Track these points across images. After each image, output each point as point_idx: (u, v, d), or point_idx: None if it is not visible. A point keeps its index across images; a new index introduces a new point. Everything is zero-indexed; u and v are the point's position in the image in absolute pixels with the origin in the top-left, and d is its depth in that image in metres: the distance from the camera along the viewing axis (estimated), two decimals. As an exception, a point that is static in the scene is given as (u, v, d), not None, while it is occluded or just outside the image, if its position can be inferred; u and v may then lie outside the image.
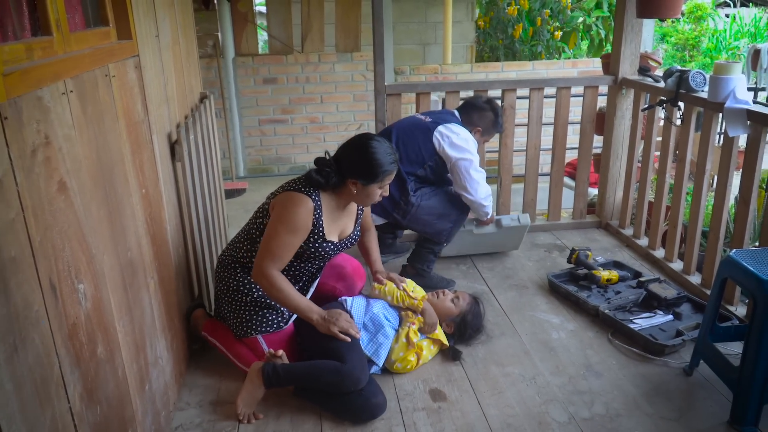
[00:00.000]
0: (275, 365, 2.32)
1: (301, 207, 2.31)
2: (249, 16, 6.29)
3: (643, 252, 3.59)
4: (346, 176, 2.37)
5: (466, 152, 3.03)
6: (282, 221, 2.31)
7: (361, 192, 2.39)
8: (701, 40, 13.78)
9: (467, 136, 3.08)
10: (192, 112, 3.02)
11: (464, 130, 3.09)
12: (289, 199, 2.33)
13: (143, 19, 2.26)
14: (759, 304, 2.05)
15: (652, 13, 3.40)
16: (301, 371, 2.33)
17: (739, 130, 2.78)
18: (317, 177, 2.34)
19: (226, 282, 2.51)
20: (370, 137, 2.40)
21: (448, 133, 3.05)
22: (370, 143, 2.35)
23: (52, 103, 1.44)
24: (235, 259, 2.51)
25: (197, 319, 2.68)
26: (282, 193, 2.38)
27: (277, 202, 2.37)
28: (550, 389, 2.42)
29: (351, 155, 2.38)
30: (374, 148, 2.34)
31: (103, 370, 1.64)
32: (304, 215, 2.31)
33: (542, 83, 3.81)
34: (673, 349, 2.60)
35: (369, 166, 2.34)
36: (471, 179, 3.04)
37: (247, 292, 2.47)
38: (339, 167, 2.37)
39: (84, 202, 1.59)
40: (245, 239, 2.50)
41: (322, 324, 2.36)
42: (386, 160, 2.35)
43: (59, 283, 1.41)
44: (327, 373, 2.28)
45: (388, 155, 2.37)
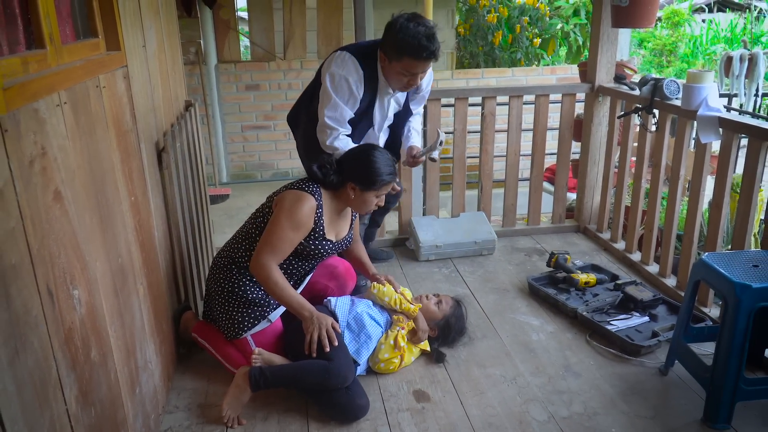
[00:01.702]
0: (262, 368, 2.35)
1: (304, 204, 2.41)
2: (231, 23, 6.32)
3: (620, 255, 3.68)
4: (346, 179, 2.49)
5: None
6: (286, 216, 2.39)
7: (359, 197, 2.50)
8: (678, 46, 14.01)
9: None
10: (178, 120, 3.05)
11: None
12: (294, 197, 2.43)
13: (131, 29, 2.30)
14: (730, 305, 2.13)
15: (627, 22, 3.50)
16: (288, 373, 2.37)
17: (711, 137, 2.88)
18: (316, 171, 2.47)
19: (220, 283, 2.54)
20: (374, 147, 2.54)
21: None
22: (372, 152, 2.50)
23: (47, 115, 1.49)
24: (231, 260, 2.55)
25: (187, 321, 2.72)
26: (285, 191, 2.48)
27: (281, 199, 2.46)
28: (530, 389, 2.49)
29: (352, 160, 2.52)
30: (375, 156, 2.48)
31: (96, 373, 1.68)
32: (307, 212, 2.41)
33: (521, 91, 3.90)
34: (648, 350, 2.68)
35: (368, 172, 2.46)
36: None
37: (241, 294, 2.50)
38: (340, 169, 2.50)
39: (78, 210, 1.63)
40: (244, 239, 2.54)
41: (311, 322, 2.37)
42: (385, 170, 2.48)
43: (56, 289, 1.46)
44: (314, 373, 2.32)
45: (388, 166, 2.49)
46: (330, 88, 2.76)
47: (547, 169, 5.14)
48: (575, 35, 7.48)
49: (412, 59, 2.63)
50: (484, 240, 3.74)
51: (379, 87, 2.84)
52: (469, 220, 3.86)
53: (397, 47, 2.64)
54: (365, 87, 2.79)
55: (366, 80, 2.77)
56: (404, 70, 2.69)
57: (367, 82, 2.78)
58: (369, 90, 2.81)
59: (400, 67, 2.68)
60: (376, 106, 2.90)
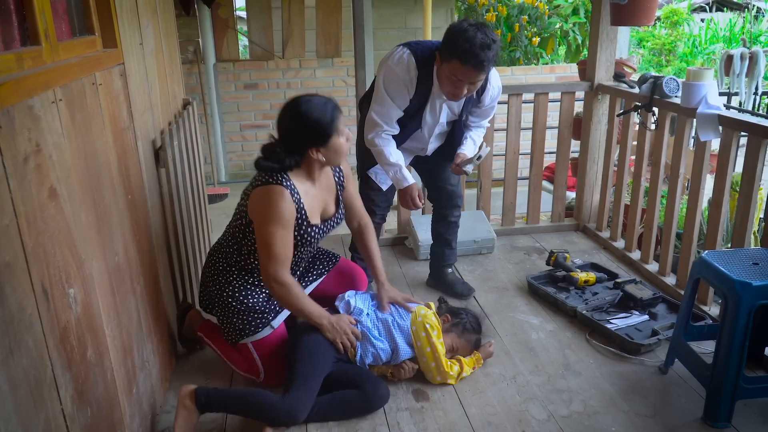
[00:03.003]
0: (208, 390, 2.22)
1: (279, 197, 2.23)
2: (229, 22, 6.32)
3: (620, 254, 3.67)
4: (303, 149, 2.28)
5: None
6: (269, 220, 2.24)
7: (327, 154, 2.31)
8: (677, 45, 14.01)
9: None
10: (175, 118, 3.04)
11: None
12: (265, 195, 2.25)
13: (128, 27, 2.29)
14: (730, 303, 2.12)
15: (626, 20, 3.49)
16: (235, 399, 2.23)
17: (710, 135, 2.87)
18: (267, 164, 2.26)
19: (220, 286, 2.45)
20: (298, 102, 2.27)
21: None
22: (301, 108, 2.25)
23: (42, 112, 1.47)
24: (228, 263, 2.46)
25: (192, 319, 2.69)
26: (254, 192, 2.29)
27: (254, 203, 2.29)
28: (529, 388, 2.48)
29: (292, 128, 2.28)
30: (307, 109, 2.24)
31: (92, 372, 1.67)
32: (286, 205, 2.24)
33: (520, 89, 3.89)
34: (648, 348, 2.67)
35: (314, 127, 2.25)
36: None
37: (242, 299, 2.41)
38: (289, 145, 2.28)
39: (73, 208, 1.62)
40: (232, 242, 2.45)
41: (330, 331, 2.35)
42: (325, 111, 2.26)
43: (51, 287, 1.45)
44: (261, 406, 2.20)
45: (323, 104, 2.27)
46: (382, 84, 2.72)
47: (547, 168, 5.12)
48: (574, 34, 7.48)
49: (458, 63, 2.50)
50: (483, 239, 3.73)
51: (433, 90, 2.74)
52: (468, 218, 3.84)
53: (450, 48, 2.53)
54: (417, 89, 2.70)
55: (419, 81, 2.69)
56: (451, 74, 2.55)
57: (420, 84, 2.70)
58: (421, 92, 2.72)
59: (448, 70, 2.56)
60: (427, 109, 2.80)
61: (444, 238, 3.27)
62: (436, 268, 3.34)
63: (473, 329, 2.61)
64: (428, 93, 2.75)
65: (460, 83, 2.57)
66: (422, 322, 2.45)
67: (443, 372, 2.45)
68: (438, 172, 3.12)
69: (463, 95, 2.65)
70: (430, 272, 3.38)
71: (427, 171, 3.17)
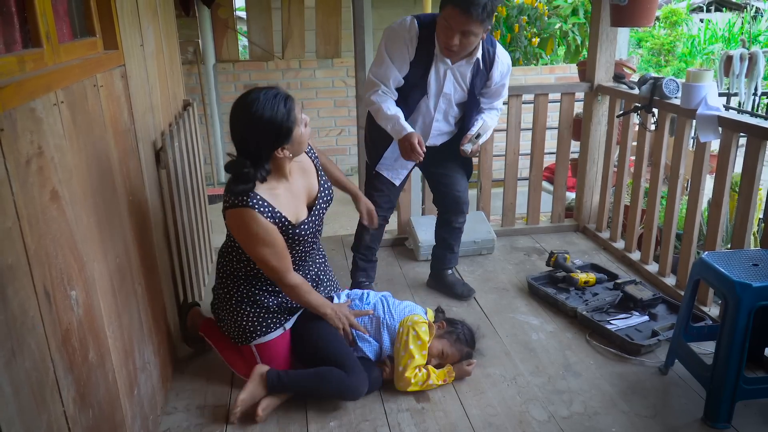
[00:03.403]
0: (279, 372, 2.36)
1: (251, 222, 2.17)
2: (229, 23, 6.32)
3: (620, 254, 3.67)
4: (269, 154, 2.18)
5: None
6: (252, 243, 2.23)
7: (292, 149, 2.21)
8: (676, 45, 14.03)
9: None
10: (176, 119, 3.05)
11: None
12: (239, 220, 2.19)
13: (128, 28, 2.29)
14: (730, 304, 2.13)
15: (626, 21, 3.49)
16: (304, 379, 2.37)
17: (710, 136, 2.88)
18: (241, 187, 2.15)
19: (230, 291, 2.46)
20: (246, 105, 2.12)
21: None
22: (251, 110, 2.10)
23: (44, 114, 1.48)
24: (234, 269, 2.45)
25: (194, 318, 2.71)
26: (226, 213, 2.23)
27: (231, 226, 2.26)
28: (530, 389, 2.48)
29: (251, 136, 2.14)
30: (260, 110, 2.09)
31: (94, 374, 1.67)
32: (260, 225, 2.18)
33: (521, 90, 3.89)
34: (648, 349, 2.67)
35: (274, 128, 2.12)
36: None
37: (252, 304, 2.43)
38: (253, 156, 2.15)
39: (75, 210, 1.63)
40: (232, 251, 2.42)
41: (333, 319, 2.43)
42: (279, 106, 2.12)
43: (53, 289, 1.45)
44: (331, 384, 2.34)
45: (273, 99, 2.12)
46: (383, 44, 2.74)
47: (546, 169, 5.13)
48: (574, 34, 7.48)
49: (451, 8, 2.51)
50: (483, 239, 3.73)
51: (435, 53, 2.72)
52: (468, 219, 3.81)
53: None
54: (419, 49, 2.70)
55: (421, 41, 2.69)
56: (445, 20, 2.56)
57: (422, 44, 2.70)
58: (424, 53, 2.72)
59: (443, 17, 2.57)
60: (432, 75, 2.77)
61: (447, 243, 3.27)
62: (436, 270, 3.35)
63: (466, 341, 2.61)
64: (431, 58, 2.74)
65: (452, 31, 2.56)
66: (410, 327, 2.47)
67: (405, 379, 2.43)
68: (445, 176, 3.09)
69: (454, 46, 2.60)
70: (430, 273, 3.38)
71: (435, 175, 3.13)
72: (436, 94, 2.83)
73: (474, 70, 2.79)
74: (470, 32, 2.57)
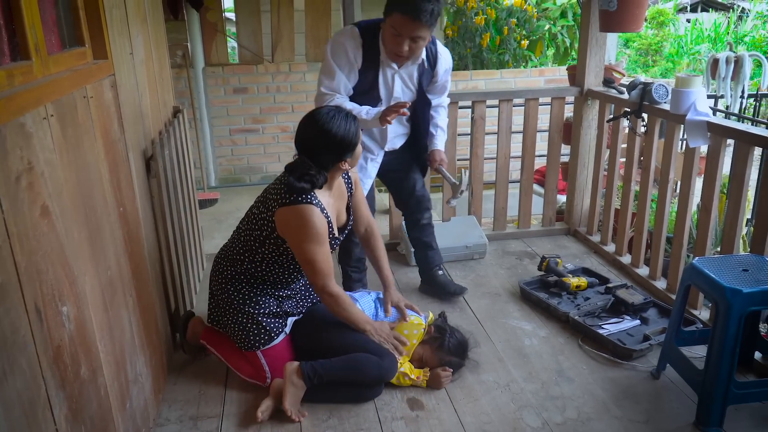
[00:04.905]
0: (312, 364, 2.37)
1: (313, 217, 2.28)
2: (218, 26, 6.29)
3: (611, 258, 3.69)
4: (334, 164, 2.34)
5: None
6: (307, 239, 2.30)
7: (352, 161, 2.40)
8: (663, 45, 14.11)
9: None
10: (166, 126, 3.03)
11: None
12: (298, 216, 2.28)
13: (118, 37, 2.28)
14: (720, 310, 2.14)
15: (615, 27, 3.50)
16: (339, 368, 2.39)
17: (699, 141, 2.89)
18: (302, 185, 2.28)
19: (230, 294, 2.49)
20: (320, 119, 2.30)
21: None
22: (328, 125, 2.28)
23: (34, 129, 1.46)
24: (238, 272, 2.48)
25: (195, 327, 2.70)
26: (282, 210, 2.31)
27: (286, 222, 2.31)
28: (523, 395, 2.48)
29: (324, 146, 2.30)
30: (335, 126, 2.28)
31: (86, 390, 1.66)
32: (320, 223, 2.30)
33: (511, 94, 3.90)
34: (640, 354, 2.68)
35: (345, 143, 2.30)
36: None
37: (257, 308, 2.47)
38: (320, 163, 2.31)
39: (65, 224, 1.61)
40: (244, 251, 2.46)
41: (375, 336, 2.48)
42: (349, 125, 2.32)
43: (44, 306, 1.44)
44: (369, 368, 2.39)
45: (345, 119, 2.31)
46: (329, 55, 2.74)
47: (537, 171, 5.14)
48: (563, 37, 7.50)
49: (399, 15, 2.53)
50: (475, 244, 3.74)
51: (381, 59, 2.76)
52: (460, 224, 3.85)
53: (392, 3, 2.58)
54: (365, 57, 2.73)
55: (365, 49, 2.72)
56: (393, 28, 2.58)
57: (367, 52, 2.72)
58: (369, 60, 2.74)
59: (390, 24, 2.59)
60: (380, 81, 2.80)
61: (423, 241, 3.31)
62: (425, 272, 3.36)
63: (449, 350, 2.58)
64: (377, 63, 2.76)
65: (401, 38, 2.58)
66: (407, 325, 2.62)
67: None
68: (405, 178, 3.15)
69: (404, 52, 2.63)
70: (421, 279, 3.39)
71: (395, 179, 3.18)
72: (386, 99, 2.87)
73: (420, 70, 2.85)
74: (419, 37, 2.61)
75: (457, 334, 2.65)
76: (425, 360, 2.59)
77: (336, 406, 2.42)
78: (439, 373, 2.53)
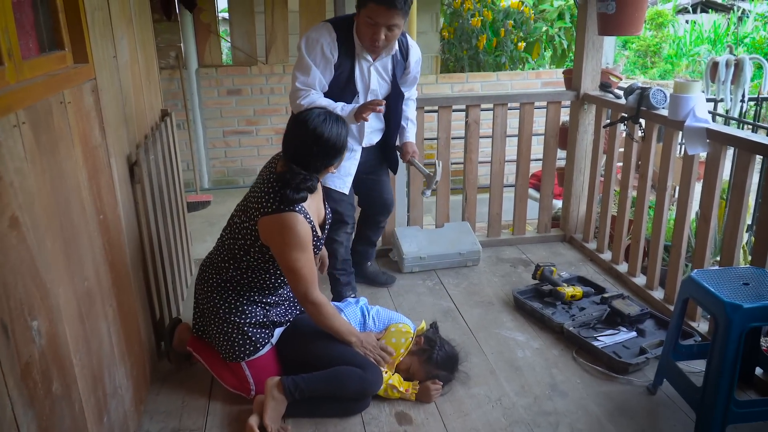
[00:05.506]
0: (293, 378, 2.31)
1: (298, 226, 2.24)
2: (212, 27, 6.22)
3: (607, 266, 3.62)
4: (323, 168, 2.34)
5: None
6: (291, 247, 2.26)
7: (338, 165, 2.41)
8: (662, 47, 14.06)
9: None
10: (152, 130, 2.96)
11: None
12: (282, 224, 2.24)
13: (100, 40, 2.21)
14: (720, 325, 2.07)
15: (613, 30, 3.43)
16: (321, 381, 2.32)
17: (698, 149, 2.83)
18: (299, 196, 2.24)
19: (216, 303, 2.43)
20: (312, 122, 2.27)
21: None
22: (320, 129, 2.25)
23: (2, 137, 1.40)
24: (223, 280, 2.43)
25: (181, 334, 2.64)
26: (265, 219, 2.26)
27: (270, 230, 2.27)
28: (515, 410, 2.41)
29: (316, 150, 2.27)
30: (328, 130, 2.26)
31: (58, 406, 1.59)
32: (304, 231, 2.27)
33: (506, 99, 3.84)
34: (636, 368, 2.62)
35: (337, 147, 2.31)
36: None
37: (243, 318, 2.41)
38: (311, 167, 2.29)
39: (37, 236, 1.54)
40: (228, 259, 2.41)
41: (360, 347, 2.43)
42: (341, 129, 2.31)
43: (11, 322, 1.37)
44: (351, 381, 2.32)
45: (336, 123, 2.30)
46: (304, 51, 2.75)
47: (533, 175, 5.07)
48: (560, 39, 7.44)
49: (373, 4, 2.57)
50: (468, 251, 3.67)
51: (356, 52, 2.78)
52: (453, 230, 3.79)
53: None
54: (340, 51, 2.74)
55: (340, 43, 2.73)
56: (368, 18, 2.61)
57: (342, 46, 2.74)
58: (345, 54, 2.76)
59: (365, 15, 2.62)
60: (357, 74, 2.82)
61: (371, 239, 3.42)
62: (358, 264, 3.41)
63: (437, 364, 2.51)
64: (352, 55, 2.78)
65: (377, 27, 2.62)
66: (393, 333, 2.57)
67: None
68: (377, 182, 3.20)
69: (380, 40, 2.65)
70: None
71: (367, 181, 3.16)
72: (363, 92, 2.88)
73: (393, 61, 2.89)
74: (395, 25, 2.64)
75: (447, 347, 2.57)
76: (413, 372, 2.52)
77: (321, 421, 2.35)
78: (428, 386, 2.46)
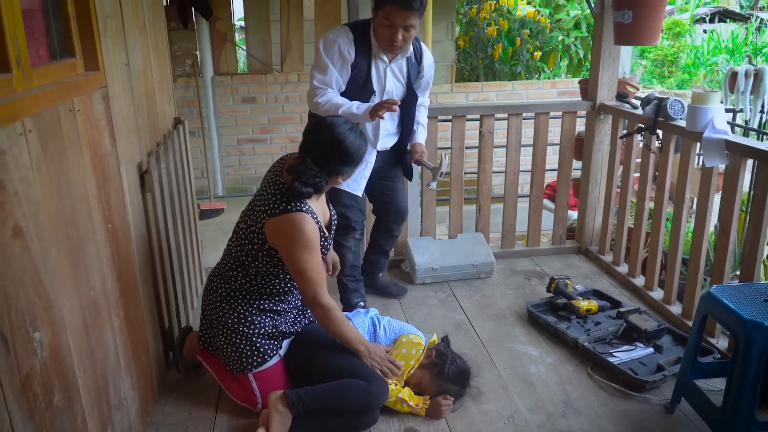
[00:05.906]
0: (297, 391, 2.27)
1: (306, 226, 2.21)
2: (228, 36, 6.24)
3: (623, 279, 3.56)
4: (332, 174, 2.31)
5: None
6: (299, 248, 2.22)
7: (345, 178, 2.41)
8: (680, 56, 13.94)
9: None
10: (165, 138, 2.95)
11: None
12: (289, 224, 2.21)
13: (112, 47, 2.20)
14: (740, 344, 2.00)
15: (630, 39, 3.38)
16: (325, 393, 2.28)
17: (716, 161, 2.77)
18: (306, 190, 2.22)
19: (224, 313, 2.39)
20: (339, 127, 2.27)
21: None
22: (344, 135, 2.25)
23: (8, 145, 1.38)
24: (232, 289, 2.39)
25: (192, 342, 2.62)
26: (273, 221, 2.23)
27: (277, 231, 2.24)
28: (528, 428, 2.35)
29: (335, 154, 2.26)
30: (350, 139, 2.27)
31: (60, 419, 1.56)
32: (312, 231, 2.23)
33: (520, 108, 3.79)
34: (653, 385, 2.55)
35: (353, 158, 2.30)
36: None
37: (249, 325, 2.37)
38: (325, 168, 2.27)
39: (42, 245, 1.52)
40: (236, 266, 2.38)
41: (368, 358, 2.38)
42: (362, 144, 2.32)
43: (11, 334, 1.34)
44: (355, 394, 2.27)
45: (360, 137, 2.31)
46: (322, 50, 2.80)
47: (548, 186, 5.01)
48: (576, 48, 7.40)
49: (390, 6, 2.63)
50: (482, 263, 3.62)
51: (373, 53, 2.83)
52: (466, 241, 3.74)
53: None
54: (357, 51, 2.79)
55: (357, 44, 2.78)
56: (385, 19, 2.67)
57: (359, 47, 2.79)
58: (362, 55, 2.80)
59: (382, 17, 2.67)
60: (373, 74, 2.86)
61: (383, 249, 3.39)
62: (369, 273, 3.38)
63: (448, 378, 2.46)
64: (369, 57, 2.83)
65: (394, 28, 2.68)
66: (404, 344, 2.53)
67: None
68: (391, 188, 3.19)
69: (398, 40, 2.71)
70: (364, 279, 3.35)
71: (380, 187, 3.16)
72: (380, 92, 2.92)
73: (408, 64, 2.93)
74: (411, 26, 2.70)
75: (459, 362, 2.52)
76: (423, 386, 2.48)
77: (330, 436, 2.31)
78: (439, 401, 2.41)
